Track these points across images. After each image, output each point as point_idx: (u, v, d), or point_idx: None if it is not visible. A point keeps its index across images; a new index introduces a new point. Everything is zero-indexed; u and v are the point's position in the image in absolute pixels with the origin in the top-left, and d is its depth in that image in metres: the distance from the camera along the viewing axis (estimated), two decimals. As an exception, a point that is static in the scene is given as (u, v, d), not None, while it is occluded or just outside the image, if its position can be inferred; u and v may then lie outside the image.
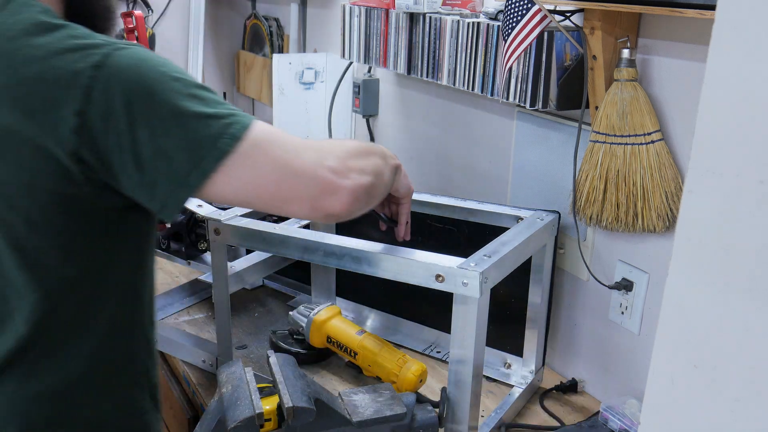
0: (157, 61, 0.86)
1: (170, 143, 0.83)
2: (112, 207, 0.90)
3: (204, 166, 0.84)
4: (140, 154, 0.83)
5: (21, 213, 0.86)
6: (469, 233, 1.44)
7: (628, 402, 1.29)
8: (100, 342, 0.96)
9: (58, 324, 0.92)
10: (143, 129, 0.82)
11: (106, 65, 0.83)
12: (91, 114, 0.81)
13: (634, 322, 1.33)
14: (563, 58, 1.30)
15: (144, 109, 0.83)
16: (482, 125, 1.67)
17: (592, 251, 1.40)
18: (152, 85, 0.84)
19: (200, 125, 0.84)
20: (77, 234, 0.89)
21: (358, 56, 1.82)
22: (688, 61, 1.16)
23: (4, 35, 0.85)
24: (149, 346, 1.05)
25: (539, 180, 1.50)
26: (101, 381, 0.97)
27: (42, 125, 0.82)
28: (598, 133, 1.23)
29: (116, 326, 0.98)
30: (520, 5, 1.20)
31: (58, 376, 0.93)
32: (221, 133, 0.85)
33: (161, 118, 0.83)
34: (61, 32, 0.85)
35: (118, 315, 0.97)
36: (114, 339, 0.97)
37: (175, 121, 0.83)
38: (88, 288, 0.93)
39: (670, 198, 1.20)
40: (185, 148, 0.84)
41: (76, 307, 0.93)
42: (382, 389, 1.12)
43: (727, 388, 0.53)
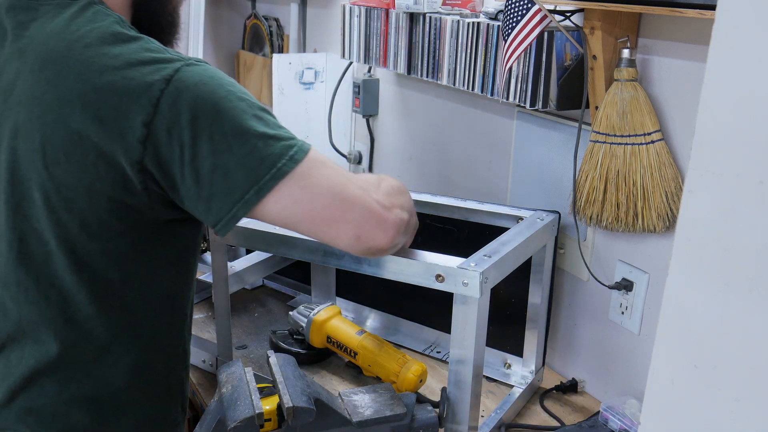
0: (225, 80, 0.89)
1: (231, 160, 0.85)
2: (164, 219, 0.92)
3: (263, 184, 0.86)
4: (200, 167, 0.85)
5: (77, 215, 0.87)
6: (469, 233, 1.44)
7: (628, 402, 1.29)
8: (141, 351, 0.98)
9: (102, 329, 0.93)
10: (206, 143, 0.84)
11: (177, 79, 0.85)
12: (158, 125, 0.83)
13: (634, 322, 1.33)
14: (563, 58, 1.30)
15: (209, 124, 0.84)
16: (482, 125, 1.67)
17: (592, 251, 1.40)
18: (218, 102, 0.86)
19: (262, 145, 0.86)
20: (127, 241, 0.91)
21: (358, 56, 1.82)
22: (688, 61, 1.16)
23: (80, 42, 0.87)
24: (185, 359, 1.07)
25: (539, 180, 1.50)
26: (140, 390, 0.98)
27: (110, 133, 0.84)
28: (598, 133, 1.23)
29: (157, 336, 1.00)
30: (520, 5, 1.20)
31: (99, 383, 0.95)
32: (282, 155, 0.87)
33: (224, 134, 0.85)
34: (136, 44, 0.88)
35: (159, 325, 0.99)
36: (154, 349, 0.99)
37: (238, 139, 0.85)
38: (132, 295, 0.95)
39: (670, 198, 1.20)
40: (245, 166, 0.85)
41: (119, 314, 0.94)
42: (382, 389, 1.12)
43: (727, 388, 0.53)
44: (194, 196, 0.87)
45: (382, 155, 2.10)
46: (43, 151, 0.86)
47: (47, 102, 0.85)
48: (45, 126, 0.85)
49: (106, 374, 0.95)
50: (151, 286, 0.97)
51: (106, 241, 0.90)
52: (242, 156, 0.85)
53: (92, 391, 0.95)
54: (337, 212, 0.90)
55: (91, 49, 0.86)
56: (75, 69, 0.85)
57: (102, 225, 0.88)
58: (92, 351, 0.94)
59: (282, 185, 0.87)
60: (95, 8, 0.91)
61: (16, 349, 0.94)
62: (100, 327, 0.93)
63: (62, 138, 0.85)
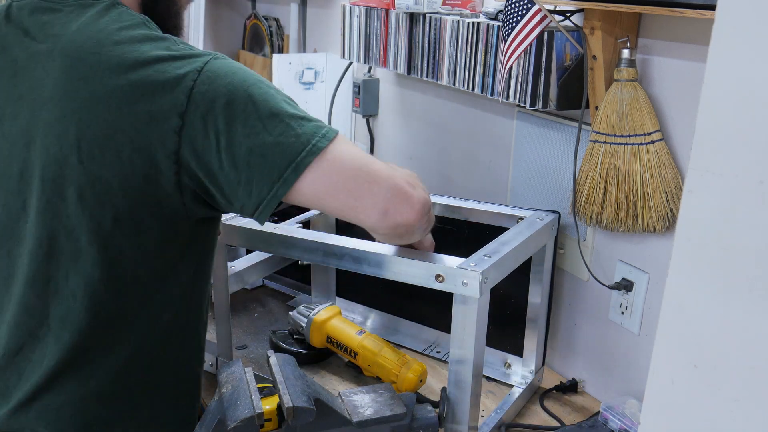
0: (251, 71, 0.92)
1: (267, 140, 0.87)
2: (194, 216, 0.94)
3: (299, 161, 0.88)
4: (237, 151, 0.87)
5: (111, 210, 0.89)
6: (469, 233, 1.44)
7: (628, 402, 1.29)
8: (158, 345, 0.99)
9: (123, 324, 0.95)
10: (240, 127, 0.86)
11: (207, 70, 0.87)
12: (192, 115, 0.85)
13: (634, 322, 1.33)
14: (563, 58, 1.30)
15: (242, 108, 0.87)
16: (482, 125, 1.67)
17: (592, 251, 1.40)
18: (250, 88, 0.88)
19: (296, 124, 0.89)
20: (157, 237, 0.93)
21: (358, 56, 1.82)
22: (688, 61, 1.16)
23: (110, 39, 0.89)
24: (200, 354, 1.08)
25: (539, 180, 1.50)
26: (154, 384, 0.99)
27: (146, 126, 0.85)
28: (598, 133, 1.23)
29: (173, 331, 1.01)
30: (520, 5, 1.20)
31: (116, 377, 0.96)
32: (315, 133, 0.90)
33: (258, 117, 0.87)
34: (165, 42, 0.90)
35: (177, 320, 1.00)
36: (170, 343, 1.01)
37: (272, 120, 0.88)
38: (155, 291, 0.96)
39: (670, 198, 1.20)
40: (281, 144, 0.87)
41: (141, 309, 0.96)
42: (382, 389, 1.12)
43: (727, 388, 0.53)
44: (234, 182, 0.89)
45: (382, 155, 2.10)
46: (78, 147, 0.87)
47: (81, 98, 0.87)
48: (80, 122, 0.87)
49: (122, 368, 0.96)
50: (173, 283, 0.98)
51: (136, 236, 0.91)
52: (277, 135, 0.87)
53: (109, 386, 0.96)
54: (364, 186, 0.92)
55: (121, 46, 0.88)
56: (107, 65, 0.87)
57: (134, 220, 0.90)
58: (112, 346, 0.95)
59: (317, 162, 0.89)
60: (119, 9, 0.94)
61: (37, 347, 0.95)
62: (122, 322, 0.94)
63: (97, 133, 0.86)
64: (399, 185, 0.94)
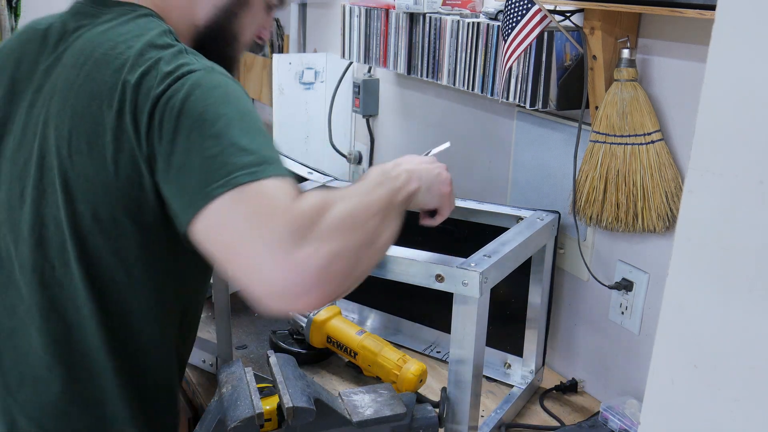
0: (233, 91, 0.86)
1: (197, 160, 0.81)
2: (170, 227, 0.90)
3: (210, 190, 0.78)
4: (172, 164, 0.83)
5: (91, 208, 0.88)
6: (469, 233, 1.44)
7: (628, 402, 1.29)
8: (131, 358, 0.97)
9: (97, 328, 0.93)
10: (183, 141, 0.83)
11: (186, 78, 0.85)
12: (156, 117, 0.84)
13: (634, 322, 1.33)
14: (563, 58, 1.30)
15: (192, 122, 0.83)
16: (482, 125, 1.67)
17: (592, 251, 1.40)
18: (211, 105, 0.83)
19: (231, 152, 0.80)
20: (137, 244, 0.91)
21: (358, 56, 1.82)
22: (688, 61, 1.16)
23: (125, 43, 0.89)
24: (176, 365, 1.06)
25: (539, 180, 1.50)
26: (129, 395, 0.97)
27: (129, 127, 0.85)
28: (598, 133, 1.23)
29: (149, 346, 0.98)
30: (520, 5, 1.20)
31: (97, 382, 0.95)
32: (244, 167, 0.78)
33: (203, 135, 0.81)
34: (173, 49, 0.89)
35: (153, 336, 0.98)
36: (146, 358, 0.99)
37: (213, 141, 0.81)
38: (133, 300, 0.94)
39: (670, 198, 1.20)
40: (206, 169, 0.80)
41: (116, 317, 0.94)
42: (382, 389, 1.12)
43: (727, 388, 0.53)
44: (165, 191, 0.85)
45: (382, 155, 2.10)
46: (69, 140, 0.88)
47: (81, 93, 0.88)
48: (75, 115, 0.88)
49: (101, 373, 0.95)
50: (154, 297, 0.96)
51: (115, 240, 0.90)
52: (206, 158, 0.80)
53: (93, 391, 0.95)
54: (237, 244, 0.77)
55: (132, 50, 0.88)
56: (113, 65, 0.87)
57: (114, 222, 0.89)
58: (90, 349, 0.94)
59: (225, 197, 0.77)
60: (149, 18, 0.95)
61: (25, 334, 0.95)
62: (97, 325, 0.93)
63: (88, 128, 0.87)
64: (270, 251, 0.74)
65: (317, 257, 0.74)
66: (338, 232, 0.78)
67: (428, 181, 1.04)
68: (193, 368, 1.50)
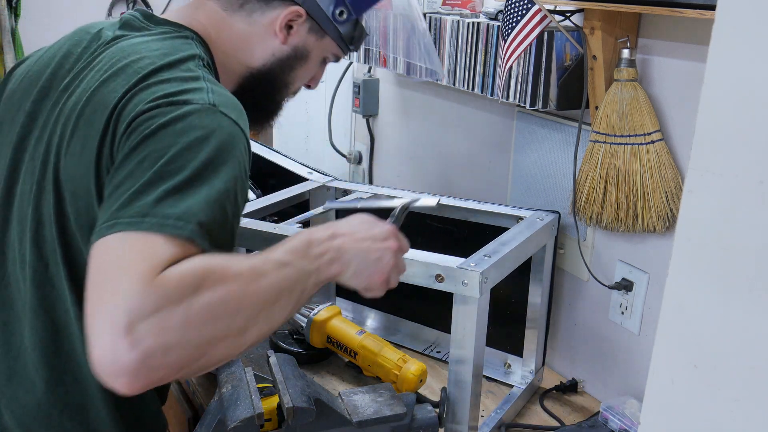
0: (222, 139, 0.79)
1: (127, 187, 0.76)
2: None
3: (113, 224, 0.72)
4: (115, 176, 0.79)
5: (74, 209, 0.87)
6: (469, 233, 1.44)
7: (628, 402, 1.29)
8: None
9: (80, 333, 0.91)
10: (133, 162, 0.78)
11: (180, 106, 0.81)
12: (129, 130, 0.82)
13: (634, 322, 1.33)
14: (563, 58, 1.30)
15: (152, 149, 0.78)
16: (482, 125, 1.67)
17: (592, 251, 1.40)
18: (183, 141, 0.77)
19: (159, 194, 0.74)
20: None
21: (358, 56, 1.82)
22: (688, 61, 1.16)
23: (149, 58, 0.88)
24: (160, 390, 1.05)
25: (539, 180, 1.50)
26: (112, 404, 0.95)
27: (110, 135, 0.83)
28: (598, 133, 1.23)
29: None
30: (520, 5, 1.20)
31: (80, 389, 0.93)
32: (147, 214, 0.72)
33: (152, 165, 0.76)
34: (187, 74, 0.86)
35: None
36: None
37: (152, 176, 0.75)
38: None
39: (670, 198, 1.20)
40: (132, 199, 0.74)
41: None
42: (382, 389, 1.12)
43: (727, 388, 0.53)
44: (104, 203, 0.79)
45: (382, 155, 2.10)
46: (69, 140, 0.87)
47: (93, 96, 0.87)
48: (80, 117, 0.87)
49: (86, 379, 0.92)
50: None
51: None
52: (135, 191, 0.74)
53: (77, 396, 0.93)
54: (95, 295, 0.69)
55: (151, 66, 0.87)
56: (127, 76, 0.86)
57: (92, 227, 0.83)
58: (75, 353, 0.92)
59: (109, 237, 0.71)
60: (187, 41, 0.94)
61: (17, 329, 0.94)
62: (81, 329, 0.90)
63: (86, 132, 0.86)
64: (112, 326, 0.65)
65: (150, 343, 0.65)
66: (191, 323, 0.67)
67: (358, 266, 0.87)
68: (193, 368, 1.50)
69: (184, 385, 1.55)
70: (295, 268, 0.79)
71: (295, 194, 1.53)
